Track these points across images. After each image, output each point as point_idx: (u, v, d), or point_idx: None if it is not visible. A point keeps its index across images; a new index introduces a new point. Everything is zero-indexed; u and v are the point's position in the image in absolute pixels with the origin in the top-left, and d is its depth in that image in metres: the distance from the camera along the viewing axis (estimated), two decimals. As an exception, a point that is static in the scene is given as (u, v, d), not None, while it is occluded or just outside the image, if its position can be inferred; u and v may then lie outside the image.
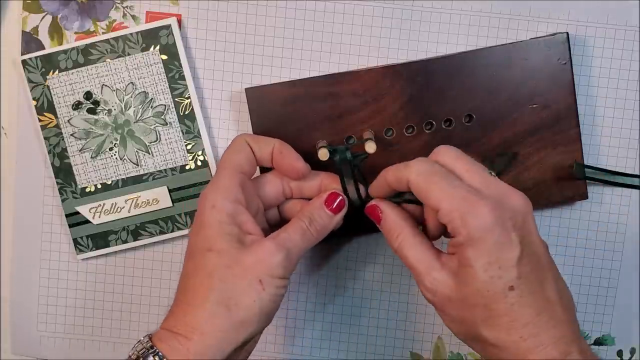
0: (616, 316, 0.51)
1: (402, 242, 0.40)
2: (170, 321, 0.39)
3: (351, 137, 0.47)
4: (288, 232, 0.41)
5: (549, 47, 0.46)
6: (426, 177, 0.38)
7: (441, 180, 0.37)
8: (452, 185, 0.37)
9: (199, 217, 0.40)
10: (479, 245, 0.36)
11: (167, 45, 0.48)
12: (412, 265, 0.39)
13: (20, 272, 0.51)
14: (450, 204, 0.36)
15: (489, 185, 0.37)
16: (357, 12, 0.48)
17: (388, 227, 0.41)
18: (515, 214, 0.36)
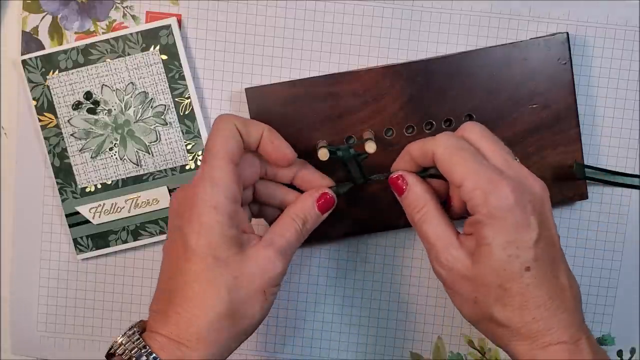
0: (616, 316, 0.51)
1: (424, 216, 0.40)
2: (172, 328, 0.37)
3: (351, 137, 0.47)
4: (286, 238, 0.40)
5: (549, 47, 0.46)
6: (452, 151, 0.38)
7: (467, 157, 0.38)
8: (477, 163, 0.37)
9: (197, 216, 0.38)
10: (498, 224, 0.36)
11: (167, 45, 0.48)
12: (430, 241, 0.39)
13: (20, 272, 0.51)
14: (474, 181, 0.37)
15: (511, 167, 0.38)
16: (357, 12, 0.48)
17: (411, 199, 0.41)
18: (534, 198, 0.37)
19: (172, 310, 0.37)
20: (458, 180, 0.37)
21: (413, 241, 0.50)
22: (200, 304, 0.37)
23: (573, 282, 0.38)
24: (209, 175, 0.38)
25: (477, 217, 0.37)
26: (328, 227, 0.48)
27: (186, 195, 0.39)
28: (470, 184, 0.37)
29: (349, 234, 0.49)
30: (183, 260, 0.38)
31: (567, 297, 0.37)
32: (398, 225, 0.48)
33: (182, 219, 0.38)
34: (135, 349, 0.37)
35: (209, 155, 0.39)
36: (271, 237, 0.40)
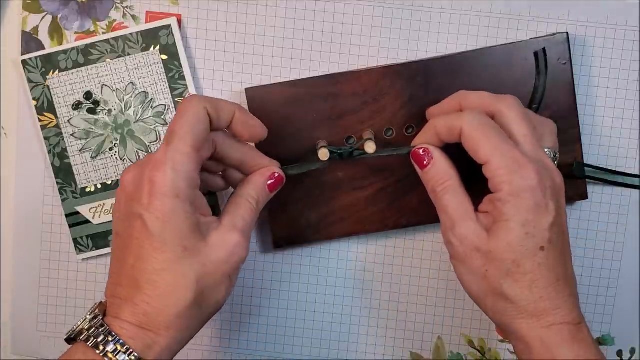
0: (616, 316, 0.51)
1: (446, 189, 0.40)
2: (140, 317, 0.36)
3: (351, 137, 0.47)
4: (245, 219, 0.40)
5: (549, 47, 0.46)
6: (480, 129, 0.39)
7: (495, 136, 0.38)
8: (504, 142, 0.38)
9: (160, 204, 0.36)
10: (520, 202, 0.37)
11: (167, 45, 0.48)
12: (448, 211, 0.40)
13: (20, 272, 0.51)
14: (500, 160, 0.38)
15: (537, 154, 0.39)
16: (357, 12, 0.48)
17: (436, 172, 0.41)
18: (554, 185, 0.39)
19: (139, 299, 0.37)
20: (484, 157, 0.38)
21: (413, 241, 0.50)
22: (171, 294, 0.37)
23: (573, 270, 0.40)
24: (172, 159, 0.37)
25: (498, 194, 0.38)
26: (330, 228, 0.48)
27: (142, 178, 0.37)
28: (496, 161, 0.38)
29: (349, 234, 0.49)
30: (150, 249, 0.37)
31: (570, 282, 0.39)
32: (398, 225, 0.48)
33: (141, 204, 0.37)
34: (102, 335, 0.36)
35: (174, 138, 0.37)
36: (233, 220, 0.40)
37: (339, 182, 0.48)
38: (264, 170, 0.42)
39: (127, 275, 0.38)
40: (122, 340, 0.36)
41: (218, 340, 0.52)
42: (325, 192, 0.48)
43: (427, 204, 0.47)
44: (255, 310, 0.51)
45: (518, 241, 0.37)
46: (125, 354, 0.36)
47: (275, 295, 0.51)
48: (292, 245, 0.50)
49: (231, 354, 0.52)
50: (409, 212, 0.48)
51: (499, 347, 0.51)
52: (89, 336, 0.36)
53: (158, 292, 0.37)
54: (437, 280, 0.51)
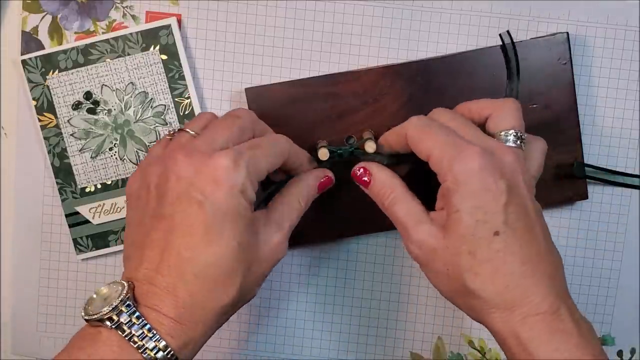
0: (616, 316, 0.51)
1: (393, 199, 0.40)
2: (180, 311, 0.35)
3: (351, 137, 0.47)
4: (292, 220, 0.41)
5: (549, 47, 0.46)
6: (422, 128, 0.39)
7: (436, 130, 0.38)
8: (445, 134, 0.38)
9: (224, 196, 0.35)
10: (464, 188, 0.36)
11: (167, 45, 0.48)
12: (400, 221, 0.39)
13: (20, 272, 0.51)
14: (441, 150, 0.37)
15: (482, 139, 0.38)
16: (357, 12, 0.48)
17: (378, 188, 0.41)
18: (504, 165, 0.36)
19: (184, 290, 0.35)
20: (426, 152, 0.38)
21: (413, 241, 0.50)
22: (218, 290, 0.36)
23: (552, 250, 0.37)
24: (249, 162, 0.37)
25: (445, 185, 0.37)
26: (328, 227, 0.48)
27: (207, 164, 0.36)
28: (437, 153, 0.37)
29: (349, 234, 0.49)
30: (203, 239, 0.35)
31: (543, 264, 0.36)
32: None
33: (203, 191, 0.36)
34: (140, 330, 0.34)
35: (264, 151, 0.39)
36: (280, 219, 0.40)
37: (339, 182, 0.48)
38: (318, 172, 0.44)
39: (171, 263, 0.36)
40: (161, 338, 0.34)
41: (218, 341, 0.52)
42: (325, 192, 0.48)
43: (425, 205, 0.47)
44: (255, 310, 0.51)
45: (469, 231, 0.35)
46: (164, 352, 0.34)
47: (275, 295, 0.51)
48: (291, 246, 0.50)
49: (231, 354, 0.52)
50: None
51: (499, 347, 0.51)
52: (121, 325, 0.34)
53: (206, 286, 0.36)
54: (437, 280, 0.51)
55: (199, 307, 0.36)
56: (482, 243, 0.35)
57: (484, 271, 0.35)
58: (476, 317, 0.38)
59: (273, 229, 0.39)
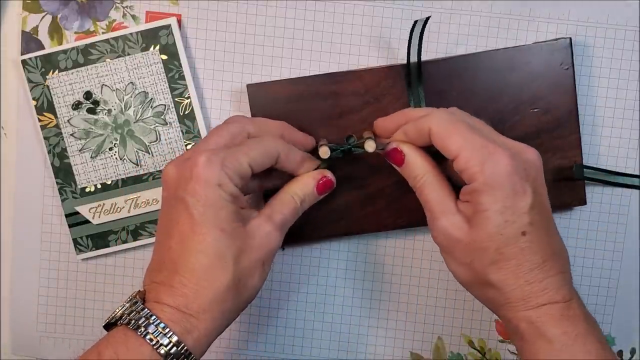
0: (616, 316, 0.51)
1: (424, 183, 0.41)
2: (179, 300, 0.37)
3: (351, 136, 0.47)
4: (284, 214, 0.42)
5: (552, 51, 0.46)
6: (448, 124, 0.39)
7: (462, 128, 0.38)
8: (472, 133, 0.38)
9: (202, 190, 0.38)
10: (495, 191, 0.37)
11: (167, 45, 0.48)
12: (429, 206, 0.41)
13: (20, 272, 0.51)
14: (471, 150, 0.37)
15: (503, 140, 0.39)
16: (357, 12, 0.48)
17: (411, 169, 0.41)
18: (529, 166, 0.38)
19: (177, 281, 0.38)
20: (454, 150, 0.38)
21: (413, 241, 0.50)
22: (208, 276, 0.38)
23: (562, 245, 0.40)
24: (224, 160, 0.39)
25: (473, 185, 0.38)
26: (328, 227, 0.48)
27: (188, 166, 0.39)
28: (467, 153, 0.37)
29: (349, 234, 0.49)
30: (189, 232, 0.38)
31: (558, 260, 0.38)
32: (397, 225, 0.48)
33: (185, 189, 0.38)
34: (142, 318, 0.37)
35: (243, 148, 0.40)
36: (270, 212, 0.41)
37: (338, 181, 0.48)
38: (316, 173, 0.44)
39: (167, 259, 0.39)
40: (164, 323, 0.36)
41: (218, 341, 0.51)
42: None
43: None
44: (255, 310, 0.51)
45: (498, 230, 0.37)
46: (166, 336, 0.36)
47: (275, 295, 0.51)
48: (290, 244, 0.50)
49: (231, 354, 0.52)
50: (407, 212, 0.48)
51: (499, 347, 0.51)
52: (130, 319, 0.37)
53: (196, 274, 0.38)
54: (437, 281, 0.51)
55: (195, 295, 0.38)
56: (510, 241, 0.37)
57: (508, 267, 0.38)
58: (491, 307, 0.40)
59: (262, 219, 0.41)
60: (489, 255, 0.38)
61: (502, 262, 0.37)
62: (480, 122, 0.40)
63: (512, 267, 0.37)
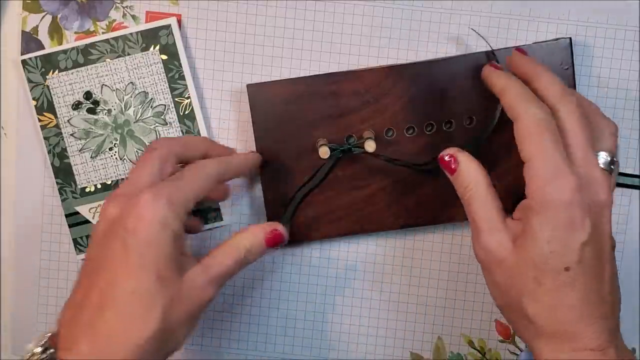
0: (616, 316, 0.51)
1: (472, 196, 0.39)
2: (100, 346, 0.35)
3: (351, 136, 0.47)
4: (225, 265, 0.39)
5: (552, 52, 0.46)
6: (534, 126, 0.36)
7: (546, 138, 0.36)
8: (552, 147, 0.35)
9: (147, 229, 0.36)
10: (550, 216, 0.35)
11: (167, 45, 0.48)
12: (474, 220, 0.38)
13: (20, 272, 0.51)
14: (541, 164, 0.35)
15: (586, 164, 0.36)
16: (357, 12, 0.48)
17: (461, 179, 0.39)
18: (595, 202, 0.36)
19: (102, 323, 0.35)
20: (527, 155, 0.36)
21: (413, 241, 0.50)
22: (136, 323, 0.35)
23: (615, 292, 0.38)
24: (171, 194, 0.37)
25: (530, 202, 0.36)
26: (328, 227, 0.48)
27: (131, 204, 0.37)
28: (536, 165, 0.35)
29: (346, 234, 0.49)
30: (124, 273, 0.36)
31: (603, 305, 0.36)
32: (396, 225, 0.48)
33: (125, 228, 0.36)
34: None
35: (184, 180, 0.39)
36: (209, 263, 0.39)
37: (338, 181, 0.48)
38: (266, 225, 0.42)
39: (92, 300, 0.36)
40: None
41: (218, 341, 0.52)
42: (324, 191, 0.48)
43: (425, 206, 0.48)
44: (255, 310, 0.51)
45: (541, 258, 0.35)
46: None
47: (275, 295, 0.51)
48: (290, 244, 0.50)
49: (231, 354, 0.52)
50: (406, 213, 0.48)
51: (499, 347, 0.51)
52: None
53: (124, 317, 0.35)
54: (437, 281, 0.51)
55: (119, 341, 0.35)
56: (551, 274, 0.35)
57: (544, 300, 0.35)
58: (522, 336, 0.38)
59: (199, 269, 0.38)
60: (527, 283, 0.36)
61: (539, 294, 0.35)
62: (582, 132, 0.37)
63: (549, 301, 0.35)
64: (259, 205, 0.50)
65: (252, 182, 0.50)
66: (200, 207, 0.49)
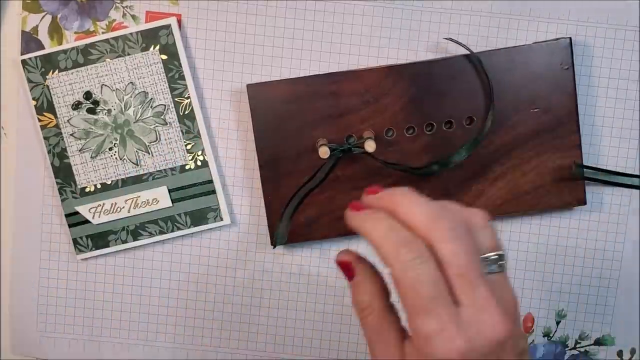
0: (616, 316, 0.51)
1: (365, 321, 0.34)
2: None
3: (351, 136, 0.47)
4: None
5: (552, 51, 0.46)
6: (412, 282, 0.30)
7: (425, 295, 0.30)
8: (433, 304, 0.29)
9: None
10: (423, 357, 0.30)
11: (167, 45, 0.48)
12: (369, 343, 0.34)
13: (20, 272, 0.51)
14: (424, 324, 0.29)
15: (474, 300, 0.30)
16: (357, 12, 0.48)
17: (356, 296, 0.34)
18: (487, 349, 0.30)
19: None
20: (408, 310, 0.30)
21: (413, 241, 0.50)
22: None
23: None
24: None
25: (410, 339, 0.31)
26: (328, 227, 0.48)
27: None
28: (418, 322, 0.30)
29: (346, 234, 0.49)
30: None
31: None
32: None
33: None
34: None
35: None
36: None
37: (338, 181, 0.48)
38: None
39: None
40: None
41: (218, 340, 0.52)
42: (323, 191, 0.48)
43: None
44: (255, 310, 0.51)
45: None
46: None
47: (275, 295, 0.51)
48: (290, 243, 0.50)
49: (231, 354, 0.52)
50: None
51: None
52: None
53: None
54: (437, 280, 0.51)
55: None
56: None
57: None
58: None
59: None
60: None
61: None
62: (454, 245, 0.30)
63: None
64: (259, 205, 0.50)
65: (252, 182, 0.50)
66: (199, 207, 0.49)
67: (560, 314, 0.51)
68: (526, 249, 0.50)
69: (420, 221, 0.31)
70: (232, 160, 0.50)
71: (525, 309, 0.51)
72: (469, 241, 0.31)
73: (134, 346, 0.52)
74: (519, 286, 0.51)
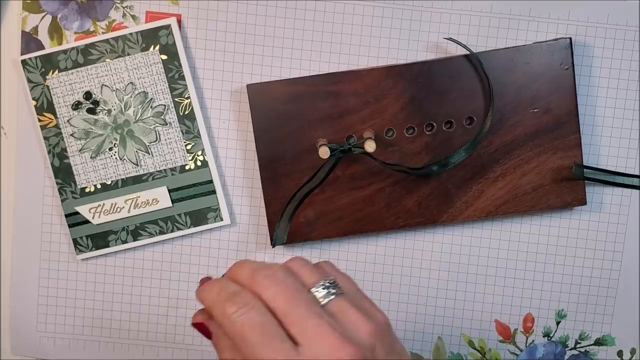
0: (616, 316, 0.51)
1: None
2: None
3: (351, 136, 0.47)
4: None
5: (552, 52, 0.46)
6: (241, 333, 0.30)
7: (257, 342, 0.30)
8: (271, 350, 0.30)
9: None
10: None
11: (167, 45, 0.48)
12: None
13: (20, 272, 0.51)
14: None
15: (309, 338, 0.30)
16: (357, 12, 0.48)
17: (221, 357, 0.33)
18: None
19: None
20: None
21: (413, 241, 0.50)
22: None
23: None
24: None
25: None
26: (328, 227, 0.48)
27: None
28: None
29: (346, 234, 0.49)
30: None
31: None
32: (395, 226, 0.48)
33: None
34: None
35: None
36: None
37: (338, 181, 0.48)
38: None
39: None
40: None
41: (218, 341, 0.51)
42: (323, 191, 0.48)
43: (424, 207, 0.48)
44: (255, 310, 0.51)
45: None
46: None
47: (275, 295, 0.51)
48: (290, 243, 0.50)
49: (231, 354, 0.52)
50: (405, 213, 0.48)
51: (499, 347, 0.51)
52: None
53: None
54: (437, 281, 0.51)
55: None
56: None
57: None
58: None
59: None
60: None
61: None
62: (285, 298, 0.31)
63: None
64: (259, 205, 0.50)
65: (252, 182, 0.50)
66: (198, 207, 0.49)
67: (560, 314, 0.51)
68: (526, 249, 0.50)
69: (244, 276, 0.33)
70: (232, 160, 0.50)
71: (525, 309, 0.51)
72: (289, 282, 0.32)
73: (134, 346, 0.52)
74: (519, 286, 0.51)
